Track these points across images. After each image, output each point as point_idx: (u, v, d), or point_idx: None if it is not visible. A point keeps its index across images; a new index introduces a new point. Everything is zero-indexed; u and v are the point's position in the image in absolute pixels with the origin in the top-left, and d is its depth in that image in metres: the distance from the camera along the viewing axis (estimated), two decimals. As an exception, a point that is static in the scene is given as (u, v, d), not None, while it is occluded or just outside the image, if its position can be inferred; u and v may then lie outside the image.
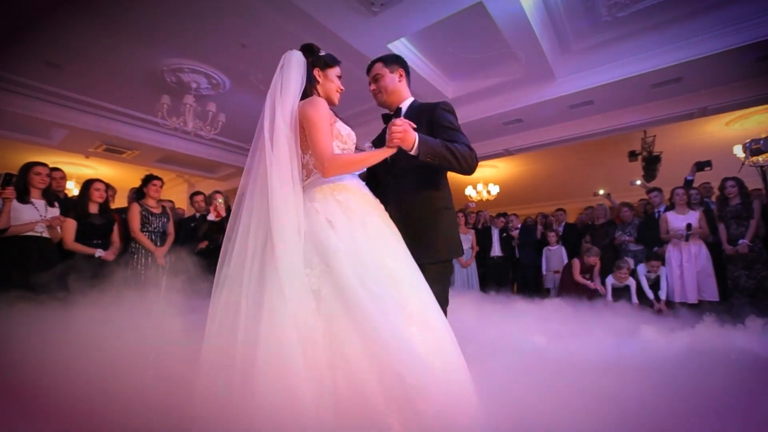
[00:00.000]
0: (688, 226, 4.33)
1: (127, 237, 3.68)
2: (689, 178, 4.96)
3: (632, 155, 7.04)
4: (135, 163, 7.73)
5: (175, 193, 10.10)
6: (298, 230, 1.33)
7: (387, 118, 1.83)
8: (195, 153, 7.23)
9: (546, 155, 7.59)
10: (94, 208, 3.50)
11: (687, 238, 4.32)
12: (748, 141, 4.17)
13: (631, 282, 4.61)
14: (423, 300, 1.36)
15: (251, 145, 1.52)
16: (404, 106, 1.81)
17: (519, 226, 6.27)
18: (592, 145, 6.70)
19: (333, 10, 3.51)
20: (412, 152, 1.50)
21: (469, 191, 9.57)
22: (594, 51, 4.49)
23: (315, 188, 1.48)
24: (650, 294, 4.53)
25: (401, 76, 1.83)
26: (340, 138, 1.55)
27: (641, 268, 4.63)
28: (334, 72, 1.67)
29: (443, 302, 1.56)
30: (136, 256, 3.61)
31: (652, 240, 4.77)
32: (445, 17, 3.58)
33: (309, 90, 1.57)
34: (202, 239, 4.15)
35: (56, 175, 3.71)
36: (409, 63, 4.41)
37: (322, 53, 1.66)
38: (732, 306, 4.04)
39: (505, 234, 6.12)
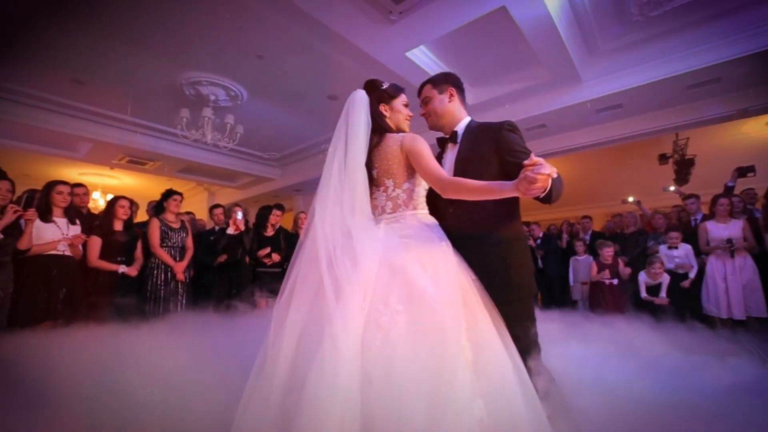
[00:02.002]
0: (729, 240, 4.04)
1: (147, 252, 3.68)
2: (730, 184, 4.64)
3: (663, 158, 6.70)
4: (157, 173, 7.88)
5: (196, 201, 10.28)
6: (375, 264, 1.31)
7: (442, 142, 1.71)
8: (215, 163, 7.31)
9: (569, 158, 7.30)
10: (118, 225, 3.52)
11: (732, 254, 4.03)
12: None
13: (665, 278, 4.35)
14: (478, 343, 1.27)
15: (320, 181, 1.54)
16: (460, 129, 1.65)
17: (540, 235, 6.03)
18: (619, 147, 6.40)
19: (350, 19, 3.44)
20: (541, 196, 1.24)
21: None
22: (624, 52, 4.26)
23: (404, 223, 1.49)
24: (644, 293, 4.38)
25: (452, 95, 1.68)
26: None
27: (642, 276, 4.41)
28: (399, 101, 1.66)
29: (527, 345, 1.42)
30: (156, 272, 3.61)
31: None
32: (465, 23, 3.45)
33: (379, 126, 1.58)
34: (221, 253, 4.12)
35: (79, 191, 3.76)
36: (428, 70, 4.37)
37: (385, 86, 1.66)
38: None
39: (527, 243, 5.88)
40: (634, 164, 7.42)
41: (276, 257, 4.43)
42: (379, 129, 1.58)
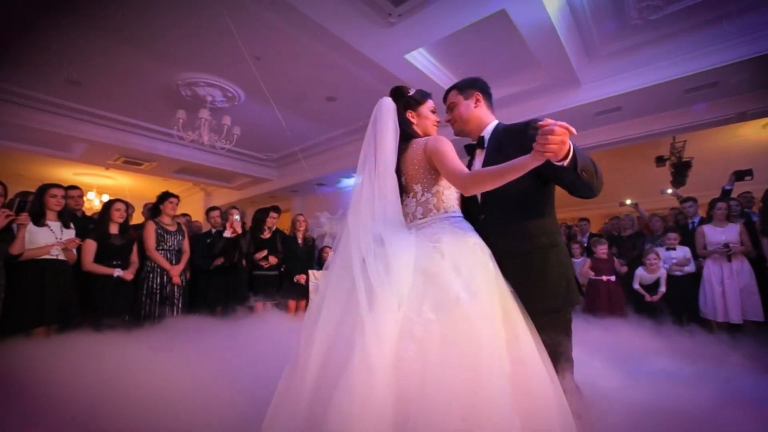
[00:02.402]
0: (726, 245, 4.05)
1: (143, 255, 3.64)
2: (727, 187, 4.66)
3: (660, 160, 6.72)
4: (153, 173, 7.82)
5: (192, 202, 10.22)
6: (408, 270, 1.28)
7: (470, 149, 1.67)
8: (211, 164, 7.26)
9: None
10: (114, 229, 3.48)
11: (729, 258, 4.04)
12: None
13: (662, 272, 4.38)
14: (520, 357, 1.22)
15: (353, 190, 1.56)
16: (486, 134, 1.61)
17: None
18: (617, 150, 6.41)
19: (348, 21, 3.40)
20: (565, 164, 1.19)
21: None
22: (622, 55, 4.25)
23: (435, 228, 1.45)
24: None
25: (478, 100, 1.65)
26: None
27: (639, 270, 4.46)
28: (426, 107, 1.66)
29: (561, 361, 1.37)
30: (151, 275, 3.57)
31: (687, 253, 4.48)
32: (464, 26, 3.42)
33: (408, 132, 1.58)
34: (218, 256, 4.08)
35: (73, 193, 3.71)
36: (426, 72, 4.34)
37: (411, 92, 1.66)
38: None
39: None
40: (632, 167, 7.43)
41: (273, 260, 4.40)
42: (406, 136, 1.58)
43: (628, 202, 5.98)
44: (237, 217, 4.10)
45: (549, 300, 1.42)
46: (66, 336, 2.81)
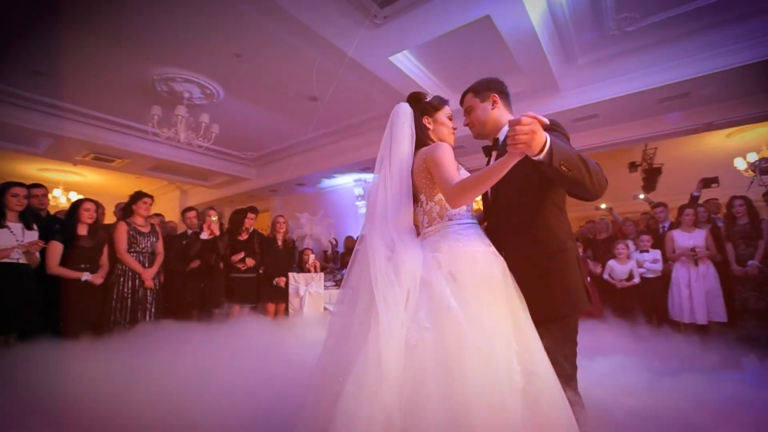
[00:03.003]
0: (693, 249, 4.24)
1: (113, 258, 3.47)
2: (695, 194, 4.86)
3: (632, 166, 6.97)
4: (125, 171, 7.51)
5: (167, 200, 9.88)
6: (413, 279, 1.32)
7: (488, 150, 1.65)
8: (187, 162, 7.03)
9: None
10: (83, 230, 3.30)
11: (696, 263, 4.22)
12: (757, 159, 4.07)
13: (633, 264, 4.59)
14: (532, 369, 1.21)
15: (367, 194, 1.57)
16: (501, 135, 1.57)
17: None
18: (592, 155, 6.59)
19: (333, 21, 3.35)
20: (541, 157, 1.14)
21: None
22: (600, 65, 4.38)
23: (438, 236, 1.45)
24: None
25: (495, 102, 1.60)
26: None
27: (610, 262, 4.68)
28: (443, 114, 1.63)
29: (565, 371, 1.34)
30: (122, 279, 3.41)
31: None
32: (450, 30, 3.43)
33: (422, 139, 1.57)
34: (194, 258, 3.95)
35: (37, 192, 3.50)
36: (410, 75, 4.33)
37: (429, 98, 1.63)
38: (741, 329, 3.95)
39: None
40: (606, 172, 7.60)
41: (250, 262, 4.29)
42: (423, 142, 1.56)
43: (603, 206, 6.16)
44: (214, 218, 3.97)
45: (556, 305, 1.38)
46: (27, 345, 2.64)
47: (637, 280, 4.54)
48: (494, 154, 1.62)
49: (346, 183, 8.29)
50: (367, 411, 1.08)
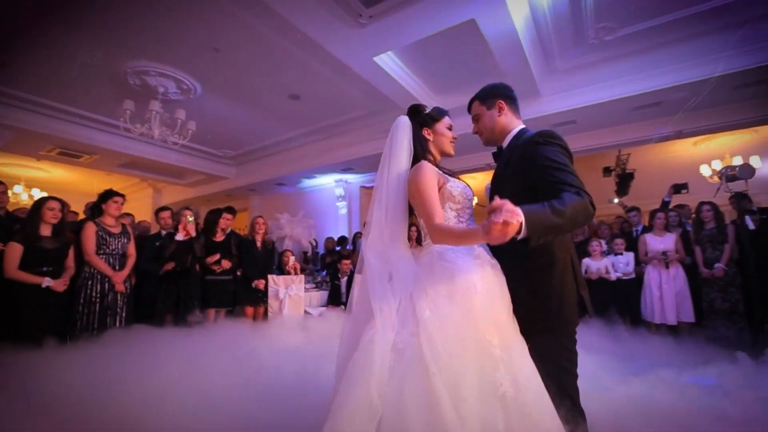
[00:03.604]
0: (664, 253, 4.40)
1: (81, 260, 3.28)
2: (666, 199, 5.05)
3: (606, 171, 7.20)
4: (94, 167, 7.16)
5: (139, 198, 9.50)
6: (405, 291, 1.40)
7: (497, 155, 1.63)
8: (162, 159, 6.76)
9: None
10: (46, 230, 3.09)
11: (667, 265, 4.39)
12: (724, 167, 4.27)
13: (608, 261, 4.74)
14: (520, 380, 1.23)
15: (371, 204, 1.59)
16: (507, 141, 1.56)
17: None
18: (568, 160, 6.77)
19: (318, 19, 3.29)
20: (519, 238, 1.14)
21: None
22: (579, 71, 4.48)
23: (426, 251, 1.49)
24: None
25: (501, 108, 1.57)
26: (452, 199, 1.51)
27: (585, 260, 4.82)
28: (442, 125, 1.63)
29: (561, 379, 1.34)
30: (90, 282, 3.22)
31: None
32: (435, 32, 3.43)
33: (421, 151, 1.58)
34: (168, 260, 3.78)
35: (-4, 189, 3.27)
36: (394, 76, 4.31)
37: (428, 110, 1.64)
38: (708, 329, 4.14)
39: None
40: (581, 176, 7.86)
41: (226, 264, 4.14)
42: (422, 154, 1.56)
43: (615, 200, 6.27)
44: (191, 218, 3.82)
45: (543, 318, 1.37)
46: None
47: (612, 276, 4.67)
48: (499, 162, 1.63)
49: (326, 183, 8.20)
50: (353, 406, 1.17)
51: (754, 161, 6.30)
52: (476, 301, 1.33)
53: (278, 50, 3.93)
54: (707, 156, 6.86)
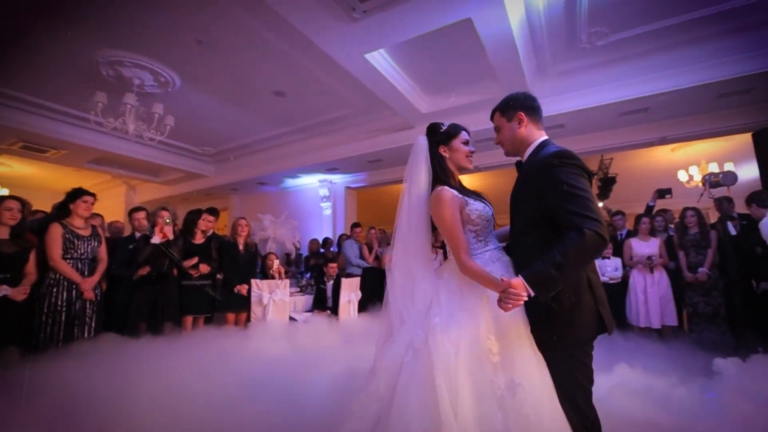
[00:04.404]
0: (649, 257, 4.46)
1: (45, 265, 3.00)
2: (651, 204, 5.13)
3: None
4: (62, 163, 6.72)
5: (111, 196, 9.02)
6: (425, 301, 1.56)
7: (519, 165, 1.63)
8: (136, 155, 6.41)
9: (505, 171, 7.66)
10: (3, 233, 2.80)
11: (652, 270, 4.44)
12: (708, 174, 4.36)
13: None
14: (521, 384, 1.33)
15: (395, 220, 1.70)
16: (529, 152, 1.55)
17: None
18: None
19: (308, 12, 3.12)
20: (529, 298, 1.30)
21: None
22: (570, 76, 4.48)
23: (450, 265, 1.58)
24: None
25: (521, 120, 1.55)
26: (471, 222, 1.57)
27: None
28: (458, 141, 1.67)
29: (571, 396, 1.35)
30: (55, 290, 2.95)
31: (617, 264, 4.86)
32: (429, 31, 3.33)
33: (440, 168, 1.65)
34: (143, 265, 3.53)
35: (-52, 186, 2.95)
36: (385, 75, 4.18)
37: (444, 128, 1.70)
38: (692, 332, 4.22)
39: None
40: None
41: (204, 268, 3.90)
42: (440, 172, 1.64)
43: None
44: (168, 219, 3.58)
45: (557, 331, 1.37)
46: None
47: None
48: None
49: (310, 183, 8.00)
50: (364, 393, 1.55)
51: (728, 167, 6.55)
52: (483, 311, 1.45)
53: (264, 44, 3.74)
54: (684, 162, 7.05)
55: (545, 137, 1.57)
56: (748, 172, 6.11)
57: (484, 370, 1.36)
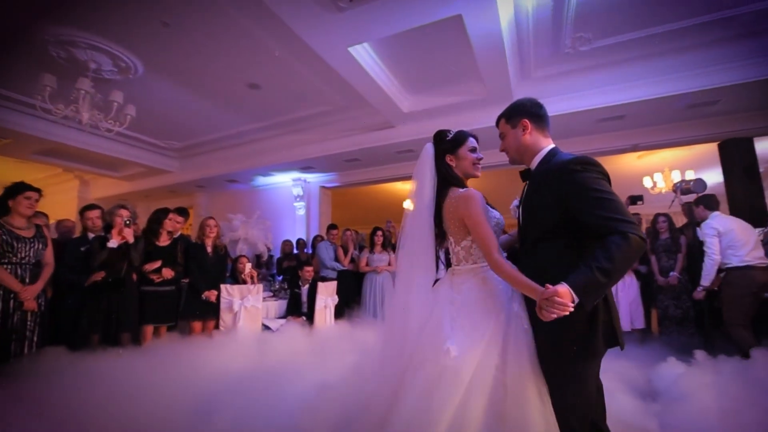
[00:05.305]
0: None
1: (-25, 271, 2.59)
2: (623, 210, 5.25)
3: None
4: (4, 153, 6.05)
5: (61, 191, 8.28)
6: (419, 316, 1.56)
7: (525, 175, 1.58)
8: (91, 147, 5.87)
9: (487, 173, 7.69)
10: None
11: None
12: (678, 181, 4.50)
13: None
14: (520, 403, 1.31)
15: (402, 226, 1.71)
16: (536, 162, 1.50)
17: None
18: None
19: (290, -1, 2.90)
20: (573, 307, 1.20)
21: (408, 204, 9.38)
22: (551, 80, 4.49)
23: (462, 278, 1.57)
24: None
25: (525, 127, 1.51)
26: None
27: None
28: (465, 148, 1.66)
29: (567, 419, 1.29)
30: (-11, 299, 2.56)
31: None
32: (418, 26, 3.19)
33: (449, 178, 1.63)
34: (97, 269, 3.16)
35: None
36: (368, 70, 3.99)
37: (450, 136, 1.68)
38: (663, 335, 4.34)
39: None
40: (515, 185, 8.12)
41: (168, 273, 3.57)
42: (445, 183, 1.63)
43: None
44: (127, 220, 3.23)
45: (561, 347, 1.30)
46: None
47: None
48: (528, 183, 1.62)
49: (283, 182, 7.68)
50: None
51: (689, 175, 6.89)
52: (499, 328, 1.44)
53: (240, 31, 3.47)
54: (649, 169, 7.35)
55: (553, 145, 1.54)
56: (707, 179, 6.43)
57: (497, 394, 1.33)
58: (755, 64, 3.88)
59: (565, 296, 1.15)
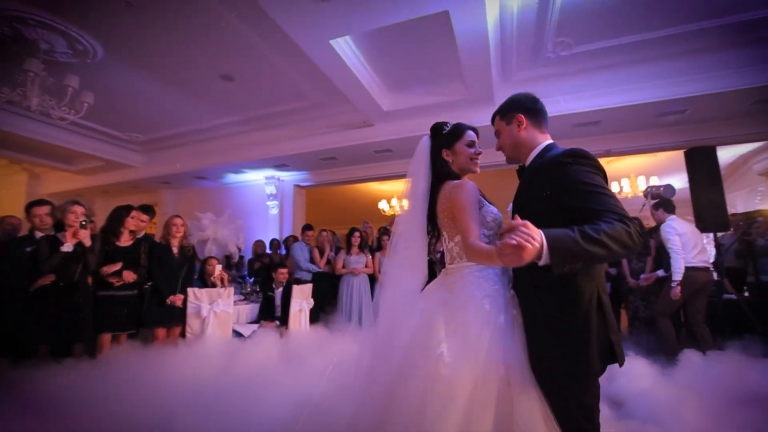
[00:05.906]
0: None
1: None
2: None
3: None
4: (-64, 142, 5.43)
5: (6, 186, 7.59)
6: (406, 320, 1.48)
7: (521, 172, 1.50)
8: (42, 137, 5.38)
9: (485, 172, 7.72)
10: None
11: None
12: (648, 186, 4.65)
13: None
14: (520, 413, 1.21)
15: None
16: (531, 158, 1.44)
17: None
18: (511, 169, 7.00)
19: (269, -17, 2.71)
20: (541, 263, 1.03)
21: (383, 205, 9.30)
22: (531, 84, 4.49)
23: (455, 277, 1.47)
24: None
25: (521, 123, 1.46)
26: (486, 225, 1.48)
27: None
28: (462, 143, 1.58)
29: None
30: None
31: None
32: (403, 20, 3.09)
33: (444, 173, 1.55)
34: (48, 272, 2.83)
35: None
36: (350, 65, 3.84)
37: (446, 129, 1.60)
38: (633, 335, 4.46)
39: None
40: (509, 186, 8.27)
41: (129, 276, 3.27)
42: (440, 178, 1.55)
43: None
44: (83, 220, 2.92)
45: (556, 361, 1.21)
46: None
47: None
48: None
49: (255, 180, 7.38)
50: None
51: (654, 181, 7.21)
52: (493, 335, 1.33)
53: (213, 17, 3.24)
54: (616, 174, 7.63)
55: (550, 141, 1.48)
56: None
57: (503, 408, 1.22)
58: (721, 76, 4.05)
59: (534, 233, 0.99)
